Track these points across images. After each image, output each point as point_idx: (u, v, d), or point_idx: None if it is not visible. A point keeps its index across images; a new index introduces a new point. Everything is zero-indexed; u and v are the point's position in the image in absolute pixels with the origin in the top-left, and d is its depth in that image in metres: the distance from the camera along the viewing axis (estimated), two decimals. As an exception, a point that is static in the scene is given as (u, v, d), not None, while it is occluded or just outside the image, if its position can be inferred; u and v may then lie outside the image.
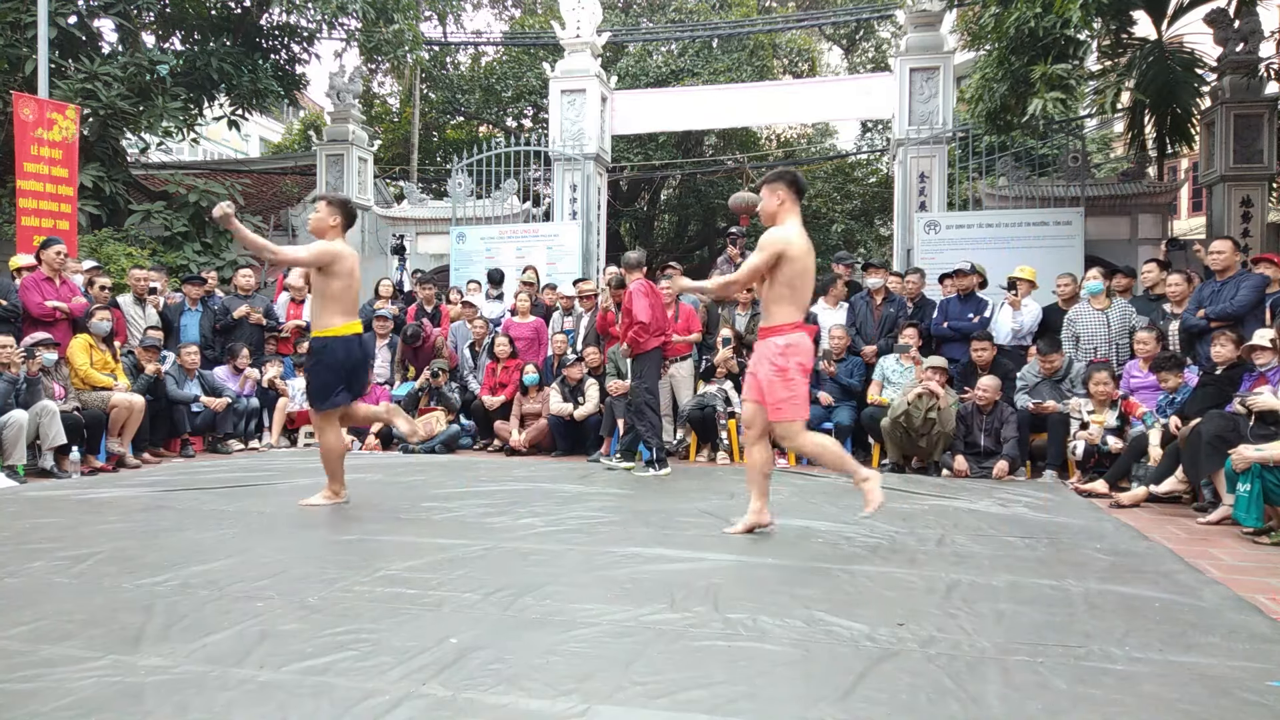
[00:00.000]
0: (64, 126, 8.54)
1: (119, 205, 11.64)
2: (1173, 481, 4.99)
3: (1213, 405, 4.93)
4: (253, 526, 4.04)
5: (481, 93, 20.47)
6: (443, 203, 14.46)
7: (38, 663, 2.18)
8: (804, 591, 2.93)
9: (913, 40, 11.19)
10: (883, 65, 18.68)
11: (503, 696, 1.99)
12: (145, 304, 7.72)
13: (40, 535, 3.78)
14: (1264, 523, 4.02)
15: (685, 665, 2.21)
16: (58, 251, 6.66)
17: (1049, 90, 7.75)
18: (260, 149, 29.08)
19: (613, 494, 5.16)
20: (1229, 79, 10.01)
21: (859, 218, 20.86)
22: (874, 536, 3.91)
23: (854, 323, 7.46)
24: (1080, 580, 3.15)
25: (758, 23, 18.62)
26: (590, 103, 12.15)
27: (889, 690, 2.06)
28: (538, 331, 8.37)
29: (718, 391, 7.14)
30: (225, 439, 7.41)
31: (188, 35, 13.11)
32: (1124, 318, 6.64)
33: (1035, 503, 4.96)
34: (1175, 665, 2.26)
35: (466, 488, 5.32)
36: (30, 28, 9.77)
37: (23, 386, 5.77)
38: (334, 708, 1.92)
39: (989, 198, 12.13)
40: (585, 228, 11.77)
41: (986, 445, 6.25)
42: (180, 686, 2.04)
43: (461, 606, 2.71)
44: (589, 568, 3.26)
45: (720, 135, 19.56)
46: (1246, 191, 10.15)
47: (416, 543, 3.66)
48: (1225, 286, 5.99)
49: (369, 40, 13.01)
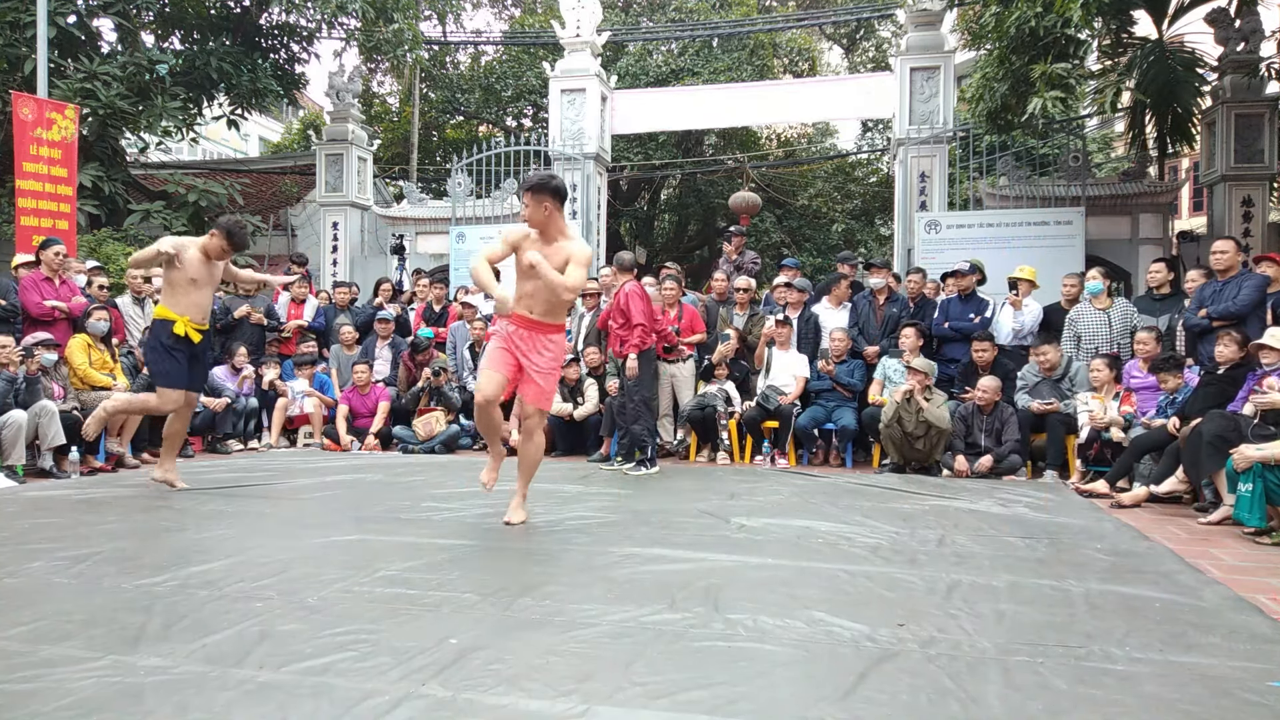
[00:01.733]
0: (63, 126, 8.53)
1: (118, 205, 11.63)
2: (1173, 481, 4.99)
3: (1214, 405, 4.92)
4: (253, 526, 4.04)
5: (481, 92, 20.46)
6: (442, 202, 14.46)
7: (38, 663, 2.18)
8: (804, 591, 2.93)
9: (913, 40, 11.18)
10: (883, 65, 18.65)
11: (503, 697, 1.99)
12: (144, 304, 7.71)
13: (40, 535, 3.78)
14: (1267, 522, 4.02)
15: (685, 665, 2.21)
16: (56, 252, 6.66)
17: (1049, 90, 7.75)
18: (260, 149, 29.08)
19: (612, 494, 5.15)
20: (1230, 78, 10.00)
21: (859, 217, 20.85)
22: (874, 536, 3.91)
23: (856, 323, 7.46)
24: (1081, 580, 3.14)
25: (758, 22, 18.60)
26: (590, 102, 12.15)
27: (889, 691, 2.06)
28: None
29: (718, 391, 7.14)
30: (224, 439, 7.41)
31: (187, 35, 13.11)
32: (1125, 318, 6.64)
33: (1035, 503, 4.96)
34: (1176, 665, 2.26)
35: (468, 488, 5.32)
36: (29, 27, 9.77)
37: (22, 386, 5.77)
38: (334, 708, 1.91)
39: (989, 197, 12.12)
40: (585, 227, 11.77)
41: (987, 445, 6.25)
42: (180, 686, 2.03)
43: (461, 606, 2.71)
44: (588, 568, 3.26)
45: (720, 135, 19.55)
46: (1247, 191, 10.15)
47: (416, 543, 3.66)
48: (1227, 286, 5.98)
49: (369, 40, 13.02)
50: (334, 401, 8.02)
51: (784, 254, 19.52)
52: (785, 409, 6.84)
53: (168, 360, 4.95)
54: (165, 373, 4.98)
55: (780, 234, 20.21)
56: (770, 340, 7.20)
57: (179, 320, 4.93)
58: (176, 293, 4.96)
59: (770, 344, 7.21)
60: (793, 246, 19.67)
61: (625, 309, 6.20)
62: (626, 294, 6.22)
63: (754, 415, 6.93)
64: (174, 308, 4.96)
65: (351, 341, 8.55)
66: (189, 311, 4.97)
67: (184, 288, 4.95)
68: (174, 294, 4.96)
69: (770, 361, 7.17)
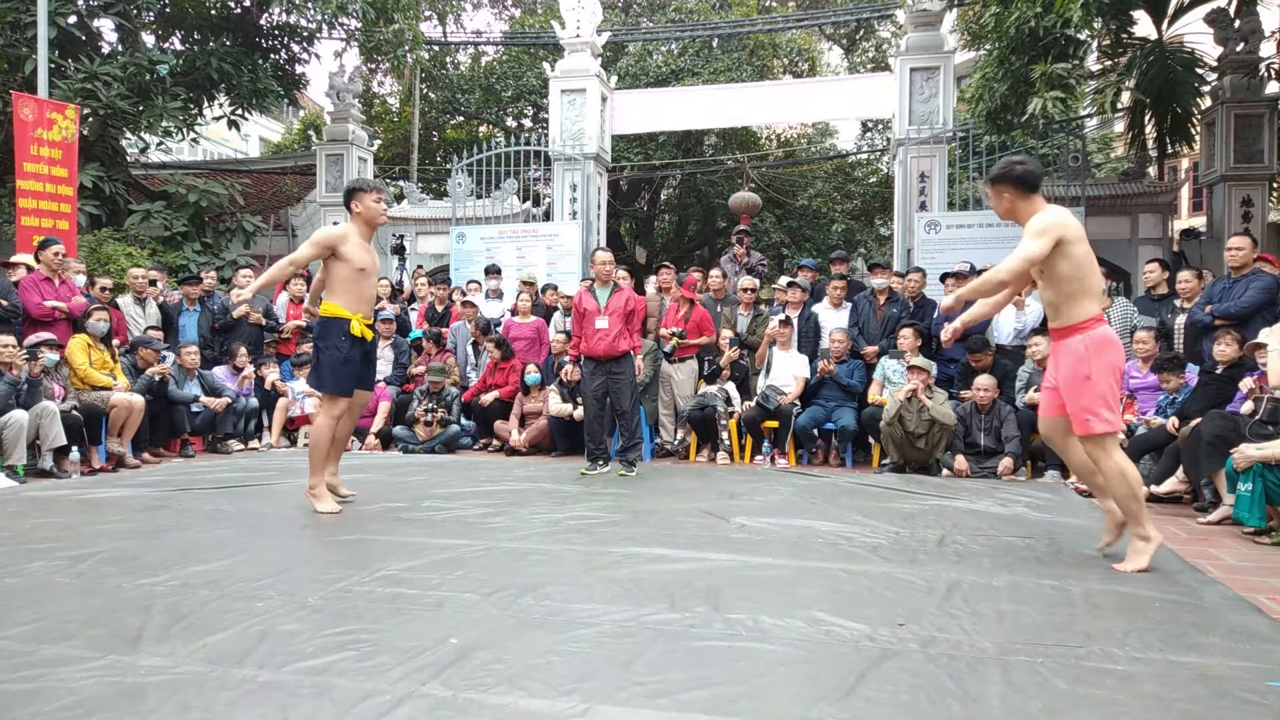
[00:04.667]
0: (64, 126, 8.54)
1: (119, 205, 11.64)
2: (1173, 481, 4.99)
3: (1213, 405, 4.93)
4: (253, 526, 4.04)
5: (481, 92, 20.47)
6: (443, 202, 14.47)
7: (38, 663, 2.18)
8: (804, 591, 2.93)
9: (913, 40, 11.18)
10: (883, 65, 18.66)
11: (503, 696, 1.99)
12: (145, 304, 7.72)
13: (40, 535, 3.78)
14: (1267, 522, 4.02)
15: (685, 665, 2.21)
16: (56, 252, 6.66)
17: (1049, 90, 7.75)
18: (260, 149, 29.09)
19: (613, 494, 5.15)
20: (1229, 79, 10.01)
21: (859, 217, 20.86)
22: (874, 536, 3.91)
23: (856, 323, 7.46)
24: (1080, 580, 3.14)
25: (758, 22, 18.60)
26: (590, 102, 12.15)
27: (890, 690, 2.06)
28: (539, 332, 8.37)
29: (718, 391, 7.14)
30: (225, 439, 7.41)
31: (187, 35, 13.11)
32: (1124, 317, 6.64)
33: (1035, 503, 4.96)
34: (1175, 665, 2.26)
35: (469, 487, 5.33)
36: (30, 27, 9.77)
37: (24, 388, 5.77)
38: (334, 708, 1.92)
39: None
40: (585, 228, 11.77)
41: (986, 445, 6.25)
42: (180, 686, 2.04)
43: (461, 606, 2.71)
44: (589, 568, 3.26)
45: (720, 135, 19.55)
46: (1247, 191, 10.16)
47: (416, 543, 3.66)
48: (1236, 285, 5.92)
49: (369, 40, 13.02)
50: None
51: (784, 254, 19.56)
52: (785, 409, 6.84)
53: (343, 369, 4.40)
54: (337, 382, 4.43)
55: (780, 234, 20.21)
56: (772, 340, 7.21)
57: (354, 319, 4.39)
58: (344, 287, 4.39)
59: (772, 344, 7.22)
60: (793, 247, 19.68)
61: (633, 310, 6.21)
62: (639, 298, 6.24)
63: (754, 415, 6.93)
64: (346, 305, 4.40)
65: (350, 342, 8.53)
66: (360, 307, 4.44)
67: (352, 280, 4.39)
68: (342, 289, 4.39)
69: (771, 361, 7.17)
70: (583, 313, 6.14)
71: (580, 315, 6.16)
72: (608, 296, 6.08)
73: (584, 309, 6.13)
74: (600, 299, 6.09)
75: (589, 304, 6.12)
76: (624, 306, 6.07)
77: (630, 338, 6.13)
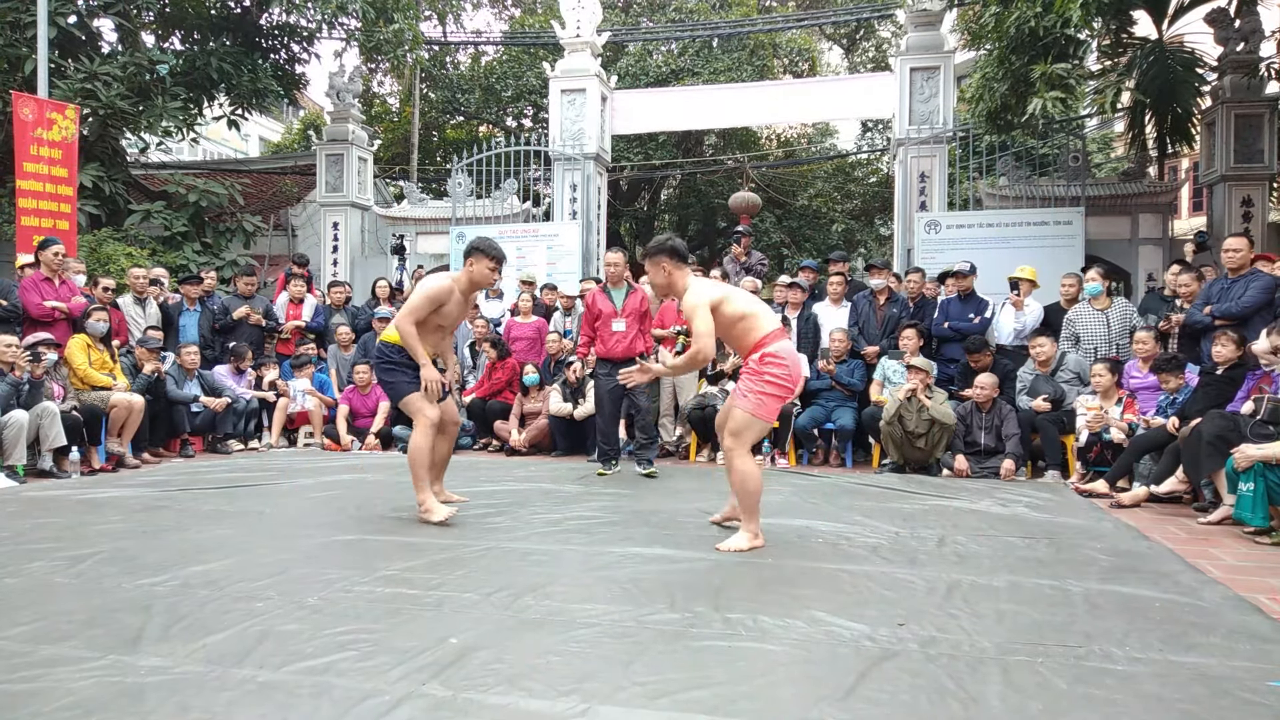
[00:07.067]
0: (64, 126, 8.53)
1: (119, 205, 11.63)
2: (1173, 481, 4.99)
3: (1213, 405, 4.92)
4: (253, 526, 4.04)
5: (481, 92, 20.46)
6: (443, 202, 14.45)
7: (38, 663, 2.18)
8: (804, 591, 2.93)
9: (913, 40, 11.18)
10: (883, 65, 18.66)
11: (503, 696, 1.99)
12: (145, 304, 7.72)
13: (40, 535, 3.78)
14: (1269, 522, 4.02)
15: (685, 665, 2.21)
16: (55, 252, 6.66)
17: (1049, 90, 7.74)
18: (260, 149, 29.09)
19: (613, 494, 5.15)
20: (1229, 78, 10.00)
21: (859, 217, 20.86)
22: (874, 536, 3.91)
23: (856, 322, 7.46)
24: (1080, 580, 3.14)
25: (758, 22, 18.60)
26: (590, 102, 12.15)
27: (890, 690, 2.06)
28: (539, 332, 8.37)
29: (719, 391, 7.14)
30: (225, 439, 7.41)
31: (187, 35, 13.10)
32: (1124, 318, 6.64)
33: (1035, 503, 4.96)
34: (1175, 665, 2.26)
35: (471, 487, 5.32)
36: (30, 27, 9.77)
37: (25, 388, 5.77)
38: (334, 708, 1.92)
39: (989, 197, 12.12)
40: (585, 227, 11.77)
41: (987, 444, 6.25)
42: (180, 686, 2.03)
43: (461, 606, 2.71)
44: (589, 568, 3.26)
45: (720, 135, 19.55)
46: (1247, 191, 10.14)
47: (416, 543, 3.66)
48: (1235, 285, 5.91)
49: (369, 40, 13.00)
50: (334, 401, 8.02)
51: (784, 254, 19.56)
52: (785, 409, 6.84)
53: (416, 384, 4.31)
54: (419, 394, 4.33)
55: (780, 234, 20.21)
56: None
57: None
58: (424, 331, 4.31)
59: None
60: (793, 247, 19.68)
61: (646, 310, 6.21)
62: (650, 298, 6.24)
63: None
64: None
65: (348, 341, 8.54)
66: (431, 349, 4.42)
67: (435, 331, 4.40)
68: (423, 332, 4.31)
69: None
70: (597, 314, 6.15)
71: (595, 317, 6.17)
72: (623, 298, 6.11)
73: (599, 311, 6.15)
74: (616, 301, 6.12)
75: (604, 306, 6.14)
76: (639, 308, 6.10)
77: (644, 338, 6.17)
